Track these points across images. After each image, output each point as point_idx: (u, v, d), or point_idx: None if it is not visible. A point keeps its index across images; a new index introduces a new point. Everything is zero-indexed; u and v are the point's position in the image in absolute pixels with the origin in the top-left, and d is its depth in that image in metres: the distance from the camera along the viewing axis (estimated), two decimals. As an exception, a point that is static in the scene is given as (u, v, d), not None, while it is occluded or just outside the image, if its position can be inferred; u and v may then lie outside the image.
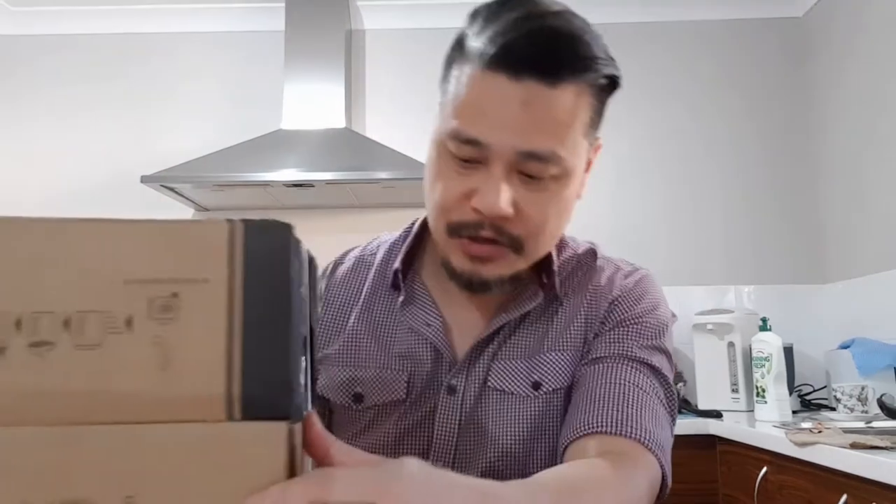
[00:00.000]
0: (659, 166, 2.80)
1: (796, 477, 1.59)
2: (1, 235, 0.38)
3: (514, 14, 0.65)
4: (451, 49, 0.72)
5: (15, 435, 0.37)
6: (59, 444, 0.37)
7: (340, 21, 2.71)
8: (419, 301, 0.81)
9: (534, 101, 0.64)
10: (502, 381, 0.77)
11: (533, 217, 0.69)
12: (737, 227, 2.76)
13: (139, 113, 2.84)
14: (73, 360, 0.37)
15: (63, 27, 2.89)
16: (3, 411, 0.37)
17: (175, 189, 2.45)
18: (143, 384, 0.38)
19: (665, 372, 0.77)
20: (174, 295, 0.38)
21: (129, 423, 0.38)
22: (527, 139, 0.65)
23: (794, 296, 2.68)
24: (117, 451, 0.38)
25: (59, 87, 2.86)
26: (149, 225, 0.39)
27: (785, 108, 2.81)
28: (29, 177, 2.80)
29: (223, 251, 0.39)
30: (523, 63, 0.64)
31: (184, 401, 0.38)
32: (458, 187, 0.69)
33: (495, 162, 0.66)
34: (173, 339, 0.38)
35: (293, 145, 2.52)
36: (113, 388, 0.38)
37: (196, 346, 0.38)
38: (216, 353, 0.38)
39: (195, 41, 2.89)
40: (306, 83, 2.65)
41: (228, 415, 0.38)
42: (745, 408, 2.27)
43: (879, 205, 2.36)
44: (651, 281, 0.84)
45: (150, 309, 0.38)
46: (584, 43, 0.66)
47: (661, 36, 2.87)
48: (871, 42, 2.41)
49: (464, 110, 0.67)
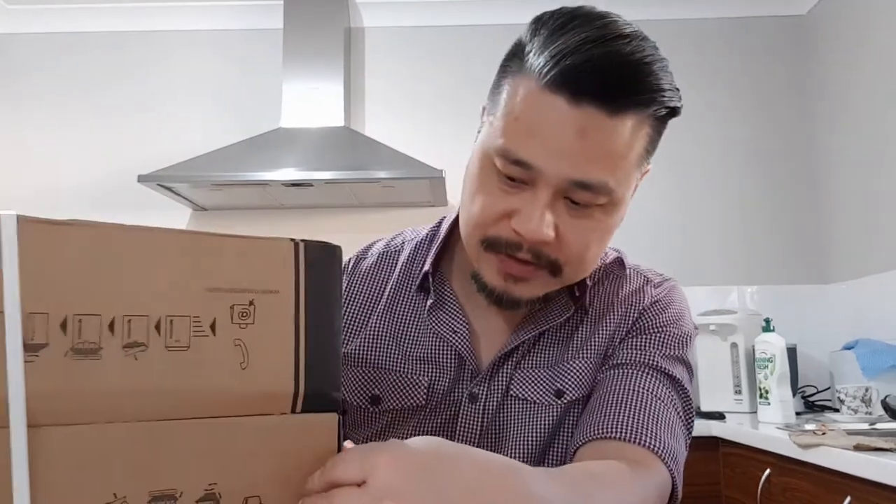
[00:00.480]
0: (662, 166, 2.77)
1: (800, 479, 1.57)
2: (95, 241, 0.40)
3: (582, 33, 0.61)
4: (508, 56, 0.68)
5: (108, 431, 0.40)
6: (149, 440, 0.41)
7: (339, 19, 2.69)
8: (448, 307, 0.79)
9: (591, 129, 0.61)
10: (525, 390, 0.76)
11: (574, 244, 0.67)
12: (740, 227, 2.74)
13: (136, 112, 2.83)
14: (164, 361, 0.41)
15: (60, 26, 2.88)
16: (98, 409, 0.39)
17: (173, 189, 2.44)
18: (226, 382, 0.43)
19: (685, 384, 0.77)
20: (251, 303, 0.44)
21: (211, 418, 0.43)
22: (579, 169, 0.63)
23: (798, 296, 2.67)
24: (201, 443, 0.42)
25: (56, 85, 2.85)
26: (227, 239, 0.45)
27: (787, 107, 2.80)
28: (26, 175, 2.79)
29: (290, 267, 0.46)
30: (586, 89, 0.61)
31: (258, 396, 0.44)
32: (499, 204, 0.67)
33: (542, 186, 0.64)
34: (250, 342, 0.44)
35: (292, 144, 2.50)
36: (199, 386, 0.42)
37: (269, 348, 0.44)
38: (286, 355, 0.45)
39: (193, 39, 2.88)
40: (305, 82, 2.63)
41: (292, 408, 0.45)
42: (748, 409, 2.25)
43: (884, 204, 2.34)
44: (679, 291, 0.83)
45: (231, 315, 0.43)
46: (651, 73, 0.63)
47: (663, 34, 2.84)
48: (876, 40, 2.39)
49: (517, 129, 0.64)
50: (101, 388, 0.39)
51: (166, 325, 0.41)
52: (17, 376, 0.37)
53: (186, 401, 0.42)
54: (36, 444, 0.37)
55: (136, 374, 0.40)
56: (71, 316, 0.39)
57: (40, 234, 0.38)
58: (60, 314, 0.38)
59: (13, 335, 0.37)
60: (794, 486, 1.60)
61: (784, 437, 1.61)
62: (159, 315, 0.41)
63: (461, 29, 2.86)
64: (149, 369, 0.40)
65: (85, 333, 0.39)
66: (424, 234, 0.86)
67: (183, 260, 0.43)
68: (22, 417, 0.37)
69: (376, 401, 0.77)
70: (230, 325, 0.43)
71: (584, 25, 0.62)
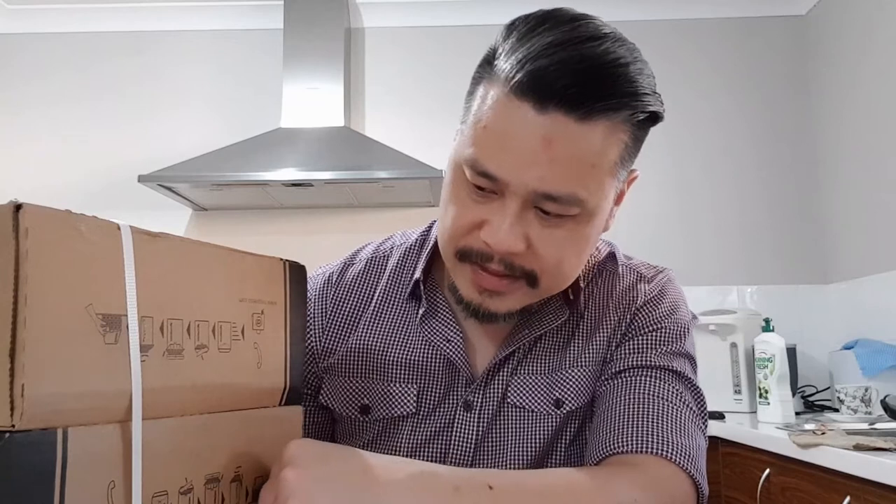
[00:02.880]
0: (662, 166, 2.78)
1: (799, 479, 1.57)
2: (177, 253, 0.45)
3: (549, 37, 0.59)
4: (480, 62, 0.66)
5: (182, 424, 0.45)
6: (204, 430, 0.46)
7: (339, 19, 2.69)
8: (440, 315, 0.77)
9: (558, 137, 0.59)
10: (522, 398, 0.75)
11: (548, 255, 0.64)
12: (740, 226, 2.74)
13: (136, 112, 2.83)
14: (217, 361, 0.47)
15: (61, 25, 2.88)
16: (177, 404, 0.44)
17: (173, 189, 2.44)
18: (249, 379, 0.51)
19: (689, 374, 0.74)
20: (262, 312, 0.52)
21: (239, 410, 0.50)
22: (546, 181, 0.60)
23: (797, 296, 2.67)
24: (233, 432, 0.49)
25: (57, 85, 2.85)
26: (247, 256, 0.51)
27: (787, 108, 2.80)
28: (26, 176, 2.79)
29: (282, 282, 0.55)
30: (551, 94, 0.58)
31: (265, 391, 0.52)
32: (470, 215, 0.65)
33: (511, 196, 0.62)
34: (262, 345, 0.52)
35: (292, 144, 2.50)
36: (234, 382, 0.49)
37: (273, 350, 0.53)
38: (281, 357, 0.54)
39: (193, 39, 2.88)
40: (305, 82, 2.63)
41: (280, 402, 0.54)
42: (748, 409, 2.25)
43: (883, 204, 2.34)
44: (672, 283, 0.81)
45: (252, 321, 0.51)
46: (624, 76, 0.60)
47: (663, 34, 2.85)
48: (875, 40, 2.39)
49: (485, 138, 0.62)
50: (180, 384, 0.44)
51: (219, 329, 0.47)
52: (136, 374, 0.41)
53: (227, 395, 0.48)
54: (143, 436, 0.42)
55: (202, 372, 0.46)
56: (166, 320, 0.43)
57: (142, 245, 0.42)
58: (160, 319, 0.43)
59: (133, 337, 0.41)
60: (794, 485, 1.60)
61: (784, 437, 1.61)
62: (215, 321, 0.47)
63: (461, 29, 2.86)
64: (209, 368, 0.46)
65: (174, 336, 0.44)
66: (414, 238, 0.84)
67: (226, 273, 0.49)
68: (140, 411, 0.41)
69: (366, 410, 0.76)
70: (251, 331, 0.50)
71: (554, 28, 0.60)
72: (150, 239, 0.43)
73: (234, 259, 0.50)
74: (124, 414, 0.40)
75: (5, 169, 2.80)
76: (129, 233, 0.41)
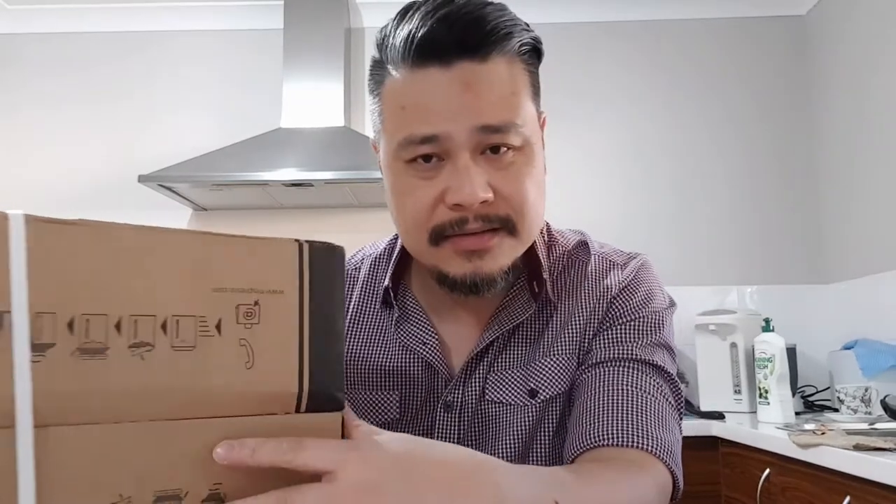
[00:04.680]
0: (662, 166, 2.78)
1: (799, 479, 1.57)
2: (102, 241, 0.40)
3: (423, 9, 0.65)
4: (370, 76, 0.72)
5: (114, 431, 0.39)
6: (155, 440, 0.40)
7: (339, 19, 2.69)
8: (414, 318, 0.78)
9: (472, 80, 0.64)
10: (499, 393, 0.75)
11: (513, 192, 0.66)
12: (739, 226, 2.74)
13: (136, 112, 2.83)
14: (169, 361, 0.41)
15: (60, 25, 2.88)
16: (105, 409, 0.39)
17: (173, 189, 2.44)
18: (231, 382, 0.43)
19: (668, 368, 0.75)
20: (256, 303, 0.44)
21: (216, 417, 0.42)
22: (480, 116, 0.64)
23: (797, 296, 2.67)
24: (208, 444, 0.42)
25: (57, 85, 2.85)
26: (233, 239, 0.44)
27: (787, 107, 2.80)
28: (26, 175, 2.79)
29: (295, 267, 0.46)
30: (448, 48, 0.63)
31: (263, 396, 0.44)
32: (427, 195, 0.66)
33: (457, 152, 0.64)
34: (255, 342, 0.44)
35: (292, 144, 2.50)
36: (205, 386, 0.42)
37: (274, 348, 0.44)
38: (290, 355, 0.45)
39: (193, 39, 2.88)
40: (305, 82, 2.63)
41: (297, 408, 0.45)
42: (748, 409, 2.25)
43: (882, 204, 2.34)
44: (646, 269, 0.81)
45: (236, 315, 0.43)
46: (498, 14, 0.66)
47: (662, 34, 2.85)
48: (874, 41, 2.39)
49: (409, 115, 0.65)
50: (107, 387, 0.39)
51: (172, 325, 0.41)
52: (23, 376, 0.37)
53: (193, 401, 0.42)
54: (42, 444, 0.37)
55: (143, 373, 0.40)
56: (78, 316, 0.39)
57: (48, 234, 0.38)
58: (68, 314, 0.38)
59: (20, 335, 0.37)
60: (794, 485, 1.60)
61: (783, 437, 1.61)
62: (166, 315, 0.41)
63: (461, 29, 2.85)
64: (155, 369, 0.40)
65: (92, 333, 0.39)
66: (383, 247, 0.86)
67: (190, 260, 0.42)
68: (28, 417, 0.37)
69: None
70: (235, 325, 0.43)
71: (419, 6, 0.65)
72: (58, 228, 0.39)
73: (208, 245, 0.43)
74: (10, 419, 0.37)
75: (5, 169, 2.80)
76: (20, 222, 0.38)
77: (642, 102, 2.81)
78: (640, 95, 2.81)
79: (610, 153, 2.80)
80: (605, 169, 2.79)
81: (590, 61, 2.84)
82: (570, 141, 2.76)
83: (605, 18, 2.86)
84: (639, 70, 2.83)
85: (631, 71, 2.84)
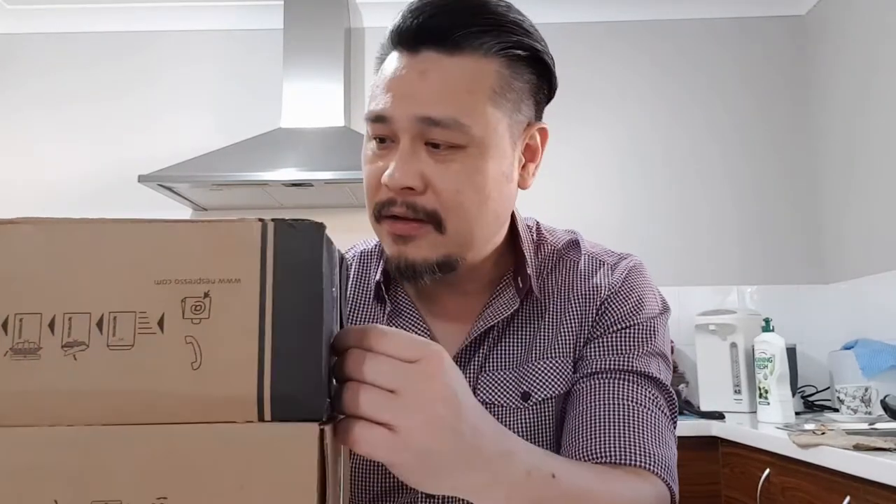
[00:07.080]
0: (662, 165, 2.78)
1: (799, 479, 1.57)
2: (33, 236, 0.38)
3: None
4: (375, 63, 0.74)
5: (47, 435, 0.37)
6: (93, 446, 0.37)
7: (339, 19, 2.69)
8: (406, 313, 0.78)
9: (431, 69, 0.65)
10: (490, 394, 0.74)
11: (444, 189, 0.66)
12: (739, 226, 2.74)
13: (137, 112, 2.83)
14: (105, 361, 0.38)
15: (60, 25, 2.88)
16: (37, 412, 0.37)
17: (173, 189, 2.44)
18: (176, 384, 0.38)
19: (663, 379, 0.75)
20: (206, 295, 0.39)
21: (161, 424, 0.38)
22: (424, 105, 0.65)
23: (797, 296, 2.67)
24: (150, 452, 0.38)
25: (57, 85, 2.85)
26: (180, 225, 0.39)
27: (787, 107, 2.80)
28: (26, 175, 2.79)
29: (256, 251, 0.39)
30: (419, 34, 0.65)
31: (215, 401, 0.38)
32: (376, 169, 0.69)
33: (402, 136, 0.66)
34: (205, 340, 0.38)
35: (292, 144, 2.50)
36: (146, 388, 0.38)
37: (227, 346, 0.38)
38: (247, 354, 0.39)
39: (193, 39, 2.88)
40: (305, 81, 2.63)
41: (259, 416, 0.38)
42: (748, 409, 2.25)
43: (883, 204, 2.34)
44: (638, 272, 0.80)
45: (182, 309, 0.38)
46: (484, 10, 0.66)
47: (661, 34, 2.85)
48: (874, 41, 2.39)
49: (374, 95, 0.69)
50: (40, 389, 0.37)
51: (109, 322, 0.38)
52: None
53: (132, 404, 0.38)
54: None
55: (76, 375, 0.37)
56: (12, 315, 0.37)
57: None
58: (2, 314, 0.37)
59: None
60: (794, 485, 1.60)
61: (784, 437, 1.61)
62: (102, 311, 0.38)
63: (461, 29, 2.86)
64: (89, 370, 0.38)
65: (25, 333, 0.37)
66: (374, 243, 0.87)
67: (129, 251, 0.39)
68: None
69: None
70: (181, 321, 0.38)
71: None
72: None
73: (151, 233, 0.39)
74: None
75: (5, 169, 2.80)
76: None
77: (642, 102, 2.81)
78: (640, 95, 2.81)
79: (610, 152, 2.80)
80: (606, 168, 2.79)
81: (590, 61, 2.83)
82: (571, 141, 2.76)
83: (605, 18, 2.86)
84: (639, 70, 2.83)
85: (631, 71, 2.84)
